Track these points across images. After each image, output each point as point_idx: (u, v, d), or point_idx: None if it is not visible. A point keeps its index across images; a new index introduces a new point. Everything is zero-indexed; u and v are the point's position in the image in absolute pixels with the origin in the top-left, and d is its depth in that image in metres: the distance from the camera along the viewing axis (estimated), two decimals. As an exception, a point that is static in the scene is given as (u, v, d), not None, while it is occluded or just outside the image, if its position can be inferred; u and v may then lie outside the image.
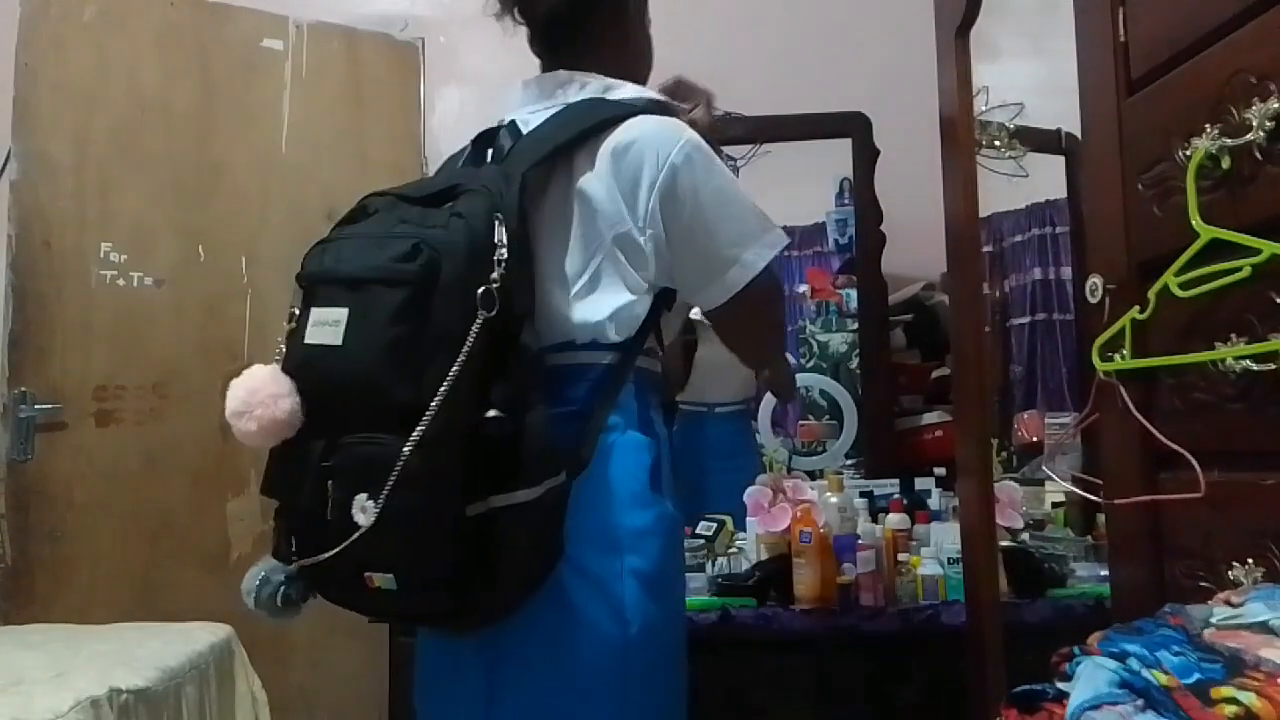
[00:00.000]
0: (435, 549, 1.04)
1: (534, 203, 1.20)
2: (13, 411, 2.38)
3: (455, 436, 1.02)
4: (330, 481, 1.05)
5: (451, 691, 1.23)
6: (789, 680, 1.94)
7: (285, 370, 1.12)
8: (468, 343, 1.03)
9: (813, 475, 2.39)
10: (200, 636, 1.88)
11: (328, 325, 1.07)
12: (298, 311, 1.13)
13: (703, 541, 2.20)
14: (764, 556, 2.11)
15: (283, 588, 1.14)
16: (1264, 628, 0.79)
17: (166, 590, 2.46)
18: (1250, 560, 0.99)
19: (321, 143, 2.78)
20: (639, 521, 1.20)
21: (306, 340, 1.10)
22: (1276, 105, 0.95)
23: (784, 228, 1.35)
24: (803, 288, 2.82)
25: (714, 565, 2.11)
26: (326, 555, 1.04)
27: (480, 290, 1.04)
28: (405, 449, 0.99)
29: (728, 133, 2.61)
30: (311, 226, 2.40)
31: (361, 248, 1.11)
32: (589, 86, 1.30)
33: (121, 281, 2.54)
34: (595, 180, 1.21)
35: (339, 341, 1.06)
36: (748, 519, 2.18)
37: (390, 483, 0.99)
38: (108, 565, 2.46)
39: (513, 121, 1.27)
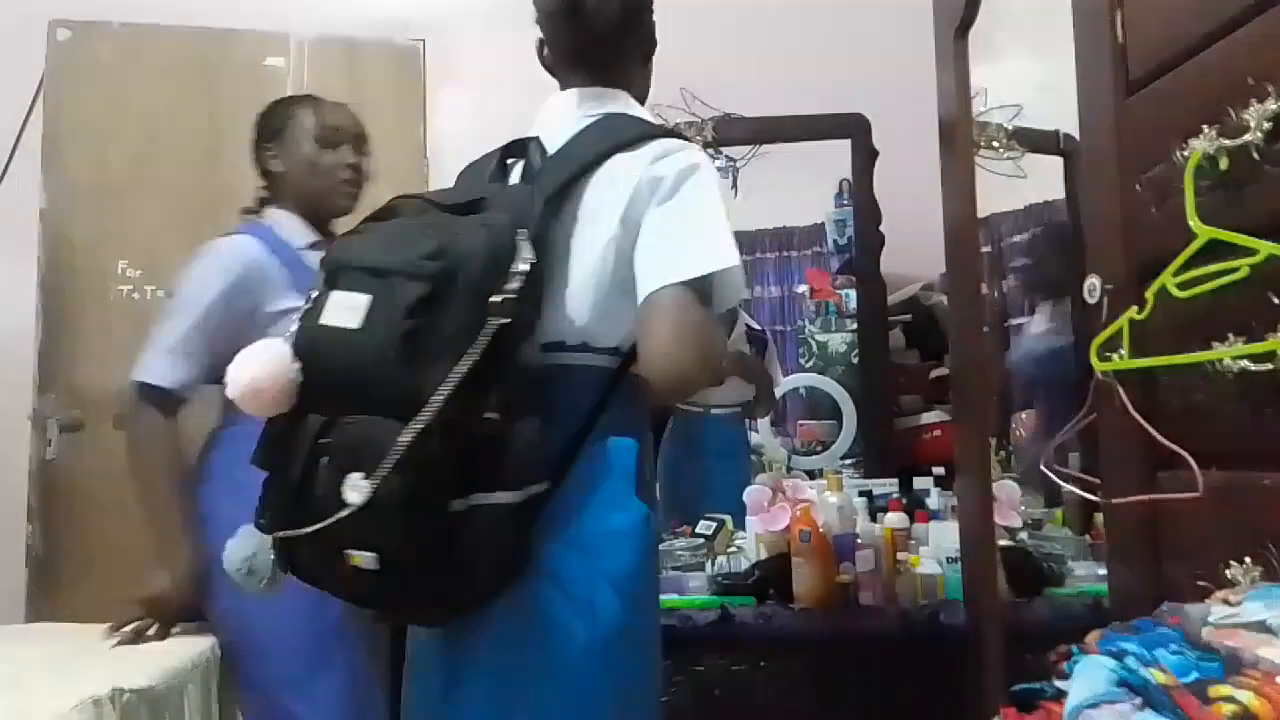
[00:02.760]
0: (418, 534, 1.07)
1: (556, 217, 1.25)
2: (42, 416, 2.63)
3: (450, 430, 1.05)
4: (324, 458, 1.08)
5: (423, 671, 1.28)
6: (788, 679, 1.94)
7: (295, 347, 1.14)
8: (477, 344, 1.07)
9: (812, 475, 2.40)
10: (203, 636, 1.88)
11: (347, 309, 1.10)
12: (315, 294, 1.16)
13: (702, 541, 2.21)
14: (763, 556, 2.11)
15: (273, 559, 1.18)
16: (1262, 627, 0.79)
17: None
18: (1248, 559, 0.99)
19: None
20: (615, 524, 1.22)
21: (322, 321, 1.12)
22: (1274, 106, 0.96)
23: (783, 228, 1.37)
24: (802, 288, 2.83)
25: (713, 564, 2.11)
26: (311, 528, 1.06)
27: (495, 298, 1.09)
28: (405, 435, 1.02)
29: (728, 134, 2.64)
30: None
31: (389, 241, 1.16)
32: (617, 103, 1.36)
33: (136, 295, 2.73)
34: (615, 195, 1.25)
35: (357, 325, 1.09)
36: (747, 518, 2.18)
37: (387, 465, 1.02)
38: (125, 558, 2.55)
39: (538, 139, 1.32)
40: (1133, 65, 1.21)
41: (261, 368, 1.11)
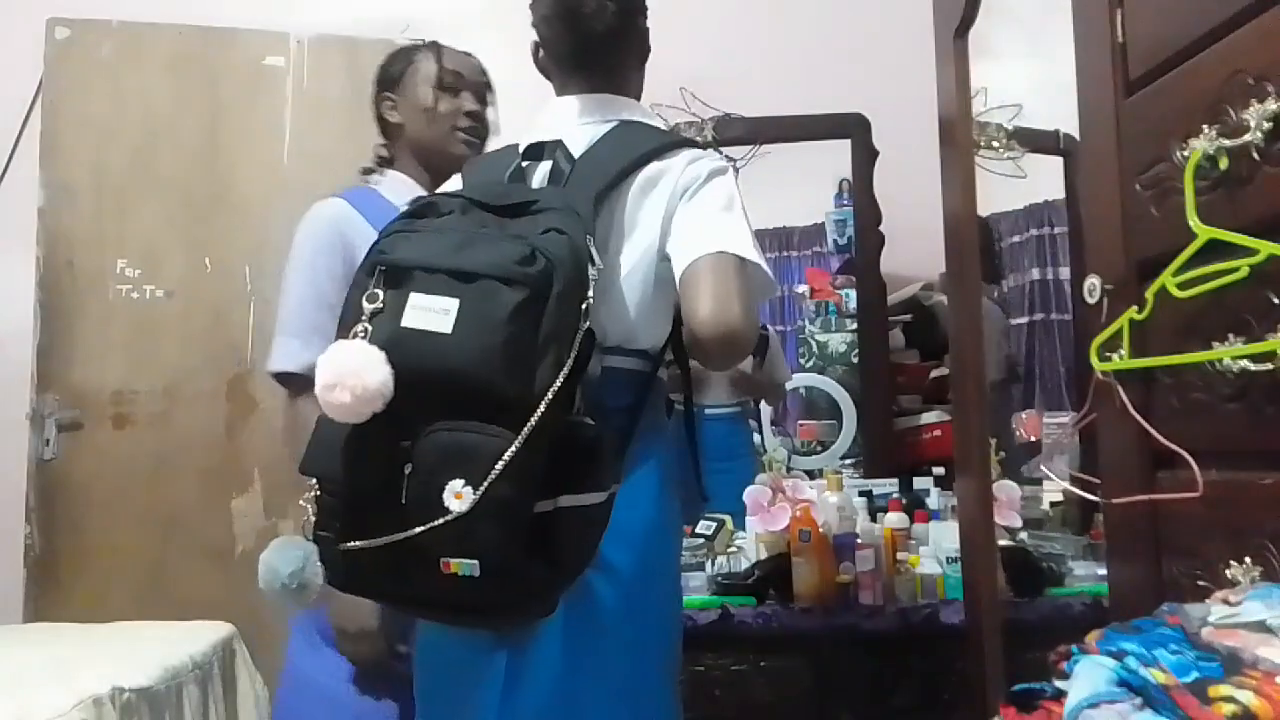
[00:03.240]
0: (519, 538, 1.06)
1: (597, 221, 1.27)
2: (40, 415, 2.65)
3: (548, 435, 1.06)
4: (408, 465, 1.06)
5: (466, 680, 1.27)
6: (788, 678, 1.94)
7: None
8: (574, 348, 1.08)
9: (812, 475, 2.40)
10: (203, 635, 1.88)
11: (434, 312, 1.08)
12: (381, 294, 1.11)
13: (703, 541, 2.21)
14: (763, 555, 2.11)
15: (320, 569, 1.14)
16: (1261, 626, 0.79)
17: (176, 580, 2.62)
18: (1248, 559, 0.99)
19: (322, 152, 2.85)
20: (655, 519, 1.29)
21: (405, 324, 1.09)
22: (1274, 106, 0.96)
23: (783, 228, 1.40)
24: (802, 288, 2.82)
25: (714, 564, 2.11)
26: (407, 534, 1.04)
27: (584, 304, 1.11)
28: (516, 443, 1.02)
29: (728, 134, 2.63)
30: None
31: (464, 244, 1.13)
32: (630, 110, 1.39)
33: (135, 294, 2.74)
34: (653, 200, 1.30)
35: (448, 330, 1.07)
36: (747, 518, 2.18)
37: (494, 472, 1.01)
38: (123, 556, 2.66)
39: (561, 142, 1.32)
40: (1133, 65, 1.21)
41: (358, 371, 1.06)
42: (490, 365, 1.05)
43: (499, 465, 1.02)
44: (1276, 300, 0.96)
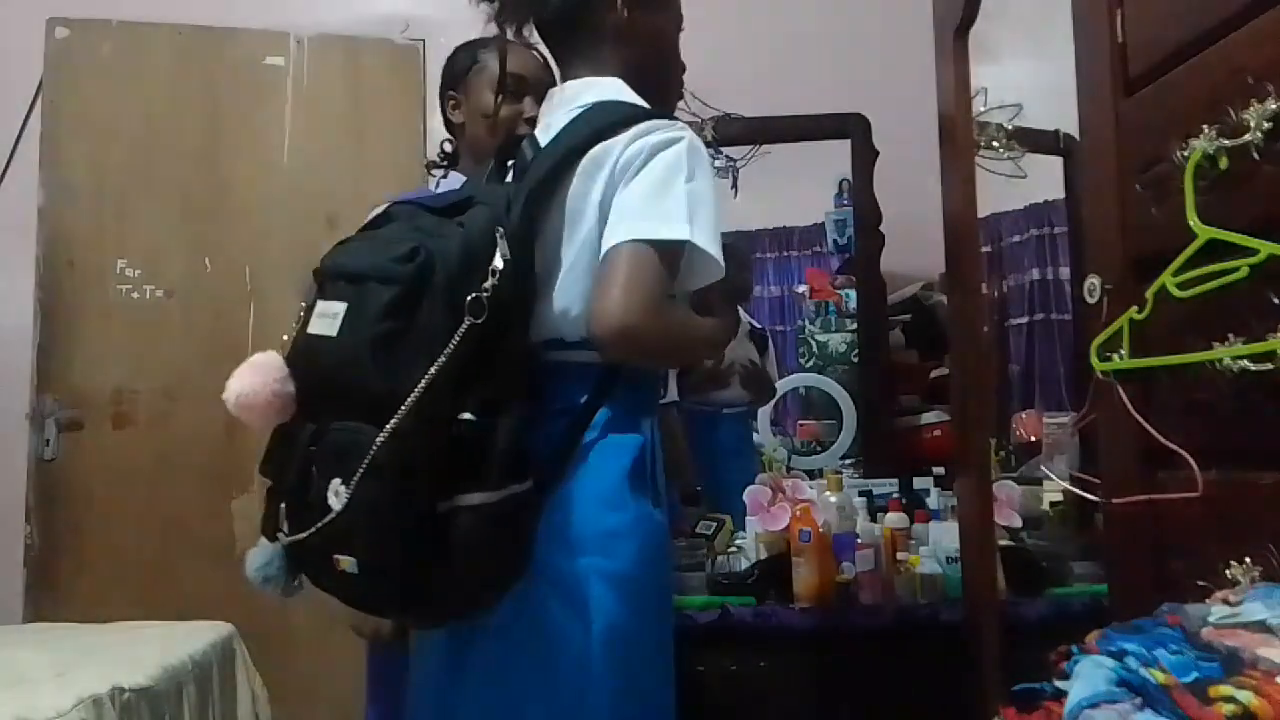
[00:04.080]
0: (392, 538, 1.07)
1: (544, 210, 1.23)
2: (40, 415, 2.65)
3: (426, 432, 1.06)
4: (314, 466, 1.10)
5: (427, 664, 1.28)
6: (788, 678, 1.94)
7: (287, 359, 1.17)
8: (451, 345, 1.07)
9: (812, 474, 2.40)
10: (202, 635, 1.88)
11: (327, 317, 1.12)
12: (307, 305, 1.17)
13: (702, 541, 2.21)
14: (763, 555, 2.11)
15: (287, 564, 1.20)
16: (1262, 626, 0.79)
17: (176, 580, 2.63)
18: (1248, 559, 0.99)
19: (321, 151, 2.86)
20: (609, 523, 1.21)
21: (309, 330, 1.14)
22: (1274, 106, 0.95)
23: (783, 228, 1.37)
24: (802, 288, 2.83)
25: (714, 564, 2.11)
26: (303, 535, 1.09)
27: (470, 297, 1.09)
28: (378, 439, 1.04)
29: (728, 133, 2.63)
30: (312, 233, 2.55)
31: (370, 247, 1.17)
32: (607, 90, 1.31)
33: (135, 294, 2.74)
34: (596, 182, 1.23)
35: (333, 333, 1.10)
36: (747, 518, 2.18)
37: (360, 470, 1.04)
38: (123, 556, 2.66)
39: (532, 135, 1.31)
40: (1132, 64, 1.21)
41: (248, 380, 1.15)
42: (359, 363, 1.07)
43: (365, 463, 1.03)
44: (1277, 300, 0.96)
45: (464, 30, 2.06)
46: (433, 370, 1.05)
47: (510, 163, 1.33)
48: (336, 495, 1.05)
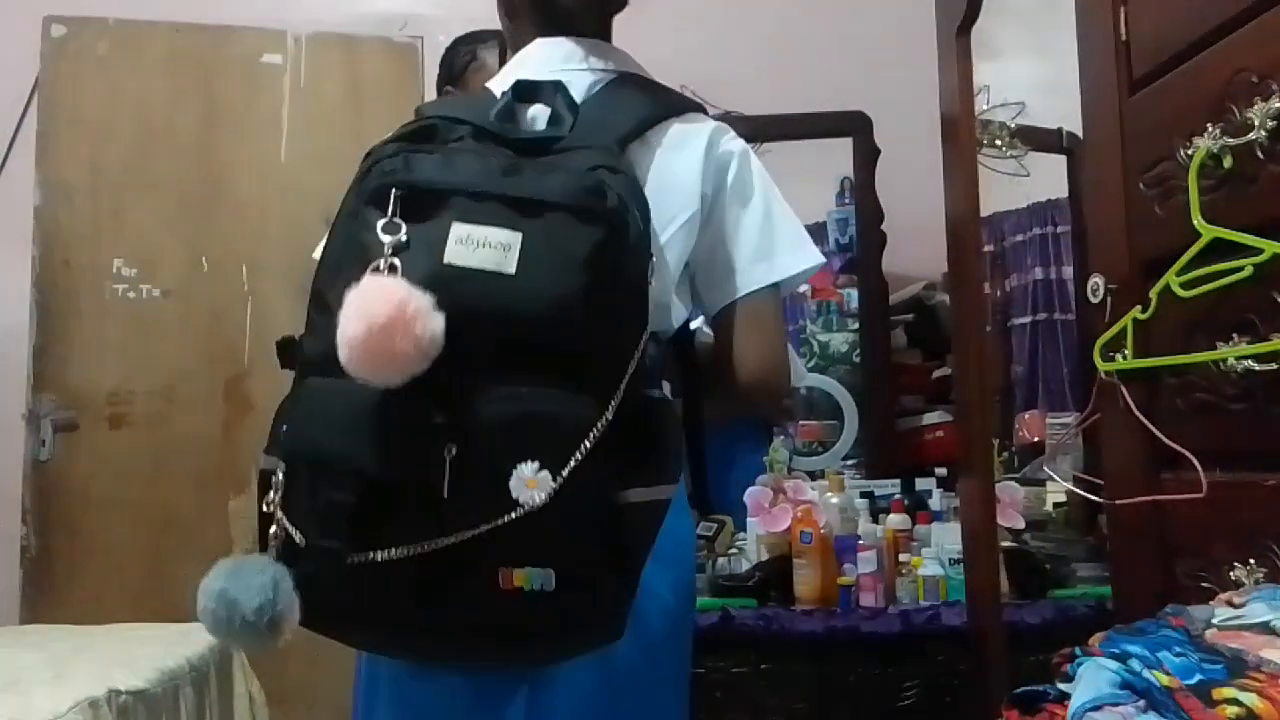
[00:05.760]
0: (599, 542, 0.85)
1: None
2: (36, 415, 2.63)
3: (630, 408, 0.86)
4: (450, 445, 0.82)
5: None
6: (789, 681, 1.93)
7: None
8: (650, 304, 0.91)
9: (813, 475, 2.38)
10: (199, 638, 1.88)
11: (489, 248, 0.86)
12: (403, 225, 0.89)
13: (703, 542, 2.20)
14: (765, 557, 2.10)
15: (296, 598, 0.84)
16: (1266, 628, 0.79)
17: (172, 582, 2.57)
18: (1252, 560, 0.99)
19: (319, 150, 2.85)
20: (690, 528, 1.15)
21: (448, 260, 0.86)
22: (1278, 104, 0.95)
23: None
24: (803, 287, 2.82)
25: (714, 565, 2.10)
26: (452, 539, 0.81)
27: (653, 258, 0.93)
28: (607, 413, 0.82)
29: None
30: (309, 232, 2.50)
31: (509, 170, 0.91)
32: (628, 63, 1.17)
33: (132, 294, 2.73)
34: (681, 167, 1.09)
35: (510, 270, 0.85)
36: (748, 519, 2.17)
37: (580, 453, 0.81)
38: (119, 557, 2.66)
39: (561, 84, 1.05)
40: (1136, 63, 1.20)
41: (420, 314, 0.81)
42: (566, 314, 0.85)
43: (585, 443, 0.81)
44: (1281, 299, 0.96)
45: (462, 28, 2.06)
46: (649, 331, 0.88)
47: (516, 105, 1.07)
48: (533, 485, 0.80)
